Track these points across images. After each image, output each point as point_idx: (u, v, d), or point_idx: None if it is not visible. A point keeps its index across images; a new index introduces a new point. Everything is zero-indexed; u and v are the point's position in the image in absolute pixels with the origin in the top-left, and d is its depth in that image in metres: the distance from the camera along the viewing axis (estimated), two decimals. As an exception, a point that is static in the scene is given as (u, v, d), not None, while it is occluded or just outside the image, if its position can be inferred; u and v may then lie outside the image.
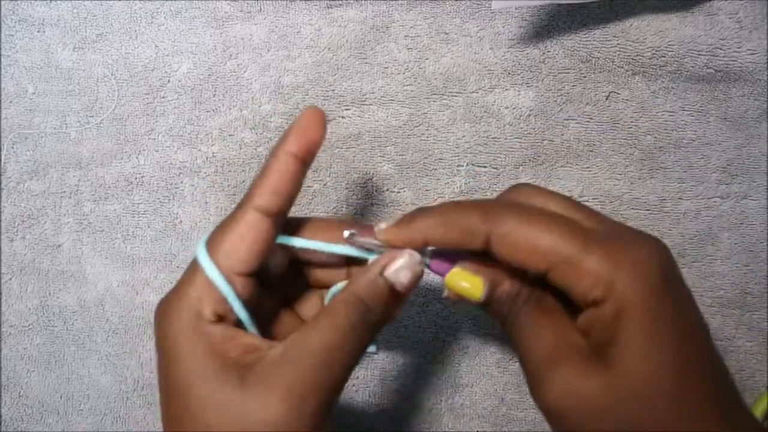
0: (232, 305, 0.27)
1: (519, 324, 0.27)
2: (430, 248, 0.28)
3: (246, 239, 0.27)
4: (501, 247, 0.25)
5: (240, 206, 0.28)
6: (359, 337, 0.26)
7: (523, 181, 0.39)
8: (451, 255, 0.28)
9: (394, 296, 0.27)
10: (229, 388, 0.25)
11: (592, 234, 0.25)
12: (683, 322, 0.25)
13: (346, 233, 0.28)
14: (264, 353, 0.26)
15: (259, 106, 0.40)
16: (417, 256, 0.27)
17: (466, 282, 0.27)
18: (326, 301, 0.31)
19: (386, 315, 0.27)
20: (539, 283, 0.27)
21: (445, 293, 0.28)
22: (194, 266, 0.27)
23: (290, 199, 0.28)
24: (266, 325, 0.30)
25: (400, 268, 0.27)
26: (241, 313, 0.27)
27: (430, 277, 0.39)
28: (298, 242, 0.29)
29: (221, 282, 0.26)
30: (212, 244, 0.27)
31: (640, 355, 0.23)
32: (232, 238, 0.27)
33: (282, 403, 0.25)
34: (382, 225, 0.27)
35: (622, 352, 0.24)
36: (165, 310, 0.27)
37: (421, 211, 0.27)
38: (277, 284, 0.30)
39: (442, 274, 0.28)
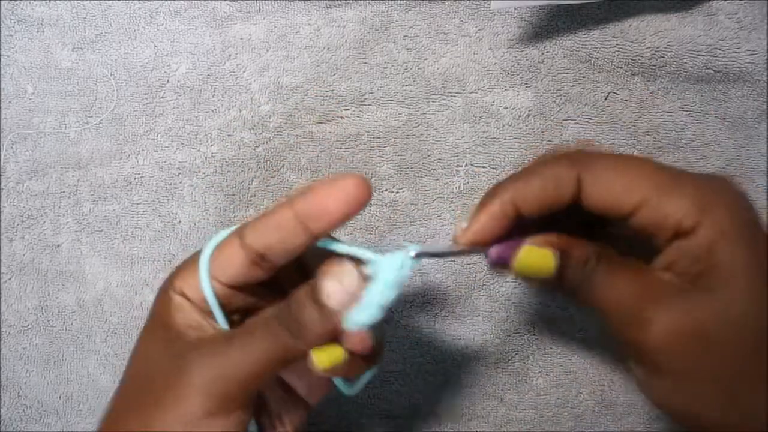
0: (210, 306, 0.27)
1: (596, 284, 0.25)
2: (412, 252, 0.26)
3: (234, 263, 0.26)
4: (594, 189, 0.25)
5: (239, 229, 0.27)
6: (286, 350, 0.25)
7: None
8: (505, 242, 0.26)
9: (325, 313, 0.25)
10: (160, 350, 0.26)
11: (679, 172, 0.25)
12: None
13: (412, 253, 0.25)
14: (202, 336, 0.26)
15: (258, 107, 0.40)
16: (350, 267, 0.25)
17: (537, 258, 0.26)
18: None
19: (318, 336, 0.25)
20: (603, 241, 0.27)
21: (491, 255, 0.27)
22: (195, 256, 0.28)
23: (285, 255, 0.26)
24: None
25: (329, 273, 0.25)
26: (216, 310, 0.27)
27: (430, 278, 0.39)
28: (340, 248, 0.26)
29: (207, 288, 0.27)
30: (219, 246, 0.27)
31: (746, 276, 0.24)
32: (227, 252, 0.27)
33: (196, 394, 0.25)
34: (463, 224, 0.26)
35: (726, 275, 0.24)
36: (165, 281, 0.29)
37: (498, 186, 0.26)
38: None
39: (506, 261, 0.26)
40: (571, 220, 0.27)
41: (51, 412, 0.40)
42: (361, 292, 0.24)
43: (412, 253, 0.25)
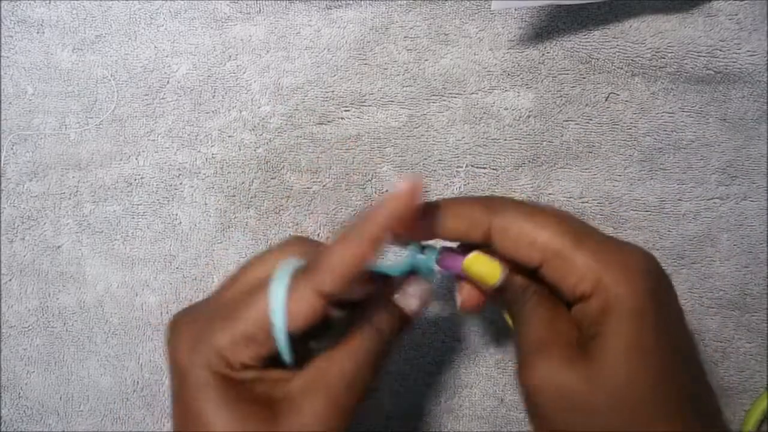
0: (279, 347, 0.26)
1: (523, 313, 0.28)
2: (439, 245, 0.29)
3: (309, 313, 0.25)
4: (500, 238, 0.27)
5: (307, 275, 0.26)
6: (375, 362, 0.28)
7: (522, 182, 0.39)
8: (456, 252, 0.29)
9: (405, 321, 0.29)
10: (261, 425, 0.26)
11: (585, 234, 0.26)
12: (666, 323, 0.25)
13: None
14: (289, 384, 0.27)
15: (259, 107, 0.40)
16: (424, 282, 0.29)
17: (486, 266, 0.28)
18: None
19: (398, 337, 0.29)
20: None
21: (458, 302, 0.30)
22: (249, 302, 0.26)
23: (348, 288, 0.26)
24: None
25: (410, 295, 0.29)
26: (285, 353, 0.26)
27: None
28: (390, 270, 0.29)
29: (281, 329, 0.25)
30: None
31: (621, 351, 0.24)
32: (298, 304, 0.25)
33: (314, 425, 0.26)
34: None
35: (604, 346, 0.24)
36: (186, 342, 0.27)
37: (427, 206, 0.28)
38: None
39: (452, 268, 0.29)
40: None
41: (51, 412, 0.40)
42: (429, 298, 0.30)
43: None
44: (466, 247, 0.29)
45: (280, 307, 0.25)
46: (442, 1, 0.39)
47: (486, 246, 0.28)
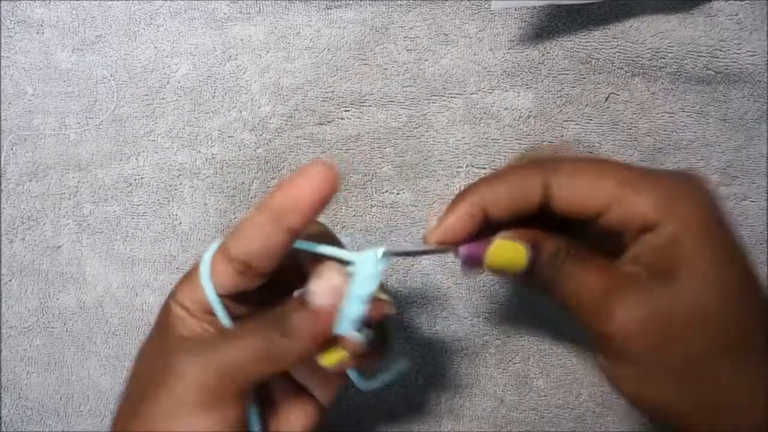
0: (215, 311, 0.27)
1: (565, 276, 0.26)
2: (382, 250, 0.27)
3: (223, 275, 0.27)
4: (561, 194, 0.26)
5: (224, 241, 0.27)
6: (268, 360, 0.26)
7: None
8: (475, 241, 0.27)
9: (311, 314, 0.26)
10: (157, 352, 0.27)
11: (641, 169, 0.26)
12: (735, 238, 0.26)
13: (380, 252, 0.26)
14: (197, 337, 0.27)
15: (259, 108, 0.40)
16: (337, 276, 0.26)
17: (509, 252, 0.27)
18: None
19: (308, 338, 0.26)
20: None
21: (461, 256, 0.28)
22: (195, 269, 0.28)
23: (269, 259, 0.26)
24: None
25: (313, 288, 0.26)
26: (221, 316, 0.27)
27: (430, 278, 0.39)
28: (321, 249, 0.27)
29: (207, 284, 0.27)
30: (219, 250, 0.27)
31: (709, 266, 0.24)
32: (215, 266, 0.27)
33: (188, 389, 0.25)
34: (432, 222, 0.27)
35: (691, 266, 0.24)
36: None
37: (467, 189, 0.27)
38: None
39: (477, 258, 0.27)
40: (540, 218, 0.28)
41: (52, 413, 0.40)
42: (344, 288, 0.25)
43: (380, 254, 0.26)
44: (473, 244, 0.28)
45: (205, 275, 0.27)
46: (442, 2, 0.39)
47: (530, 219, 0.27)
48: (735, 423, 0.24)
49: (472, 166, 0.39)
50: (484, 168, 0.39)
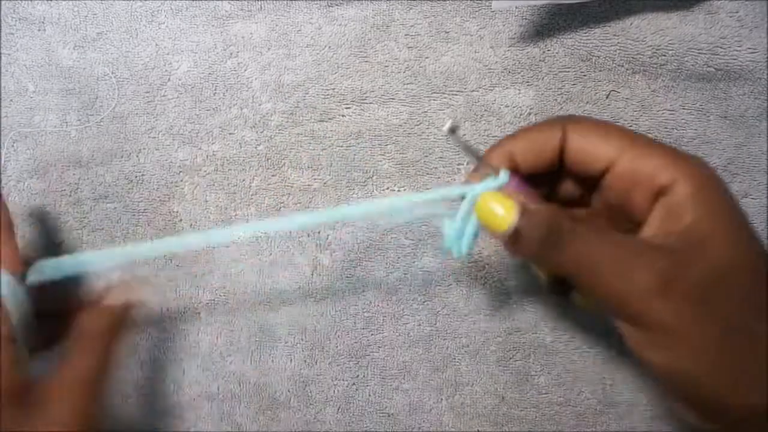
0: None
1: (579, 245, 0.25)
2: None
3: None
4: (575, 142, 0.27)
5: None
6: (103, 365, 0.30)
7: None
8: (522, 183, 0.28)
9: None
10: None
11: (651, 139, 0.27)
12: (740, 209, 0.26)
13: (447, 125, 0.26)
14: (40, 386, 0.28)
15: (260, 105, 0.40)
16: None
17: (498, 206, 0.26)
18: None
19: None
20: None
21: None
22: None
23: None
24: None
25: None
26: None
27: (430, 275, 0.39)
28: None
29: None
30: None
31: (730, 224, 0.25)
32: None
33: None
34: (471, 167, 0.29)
35: (712, 225, 0.24)
36: None
37: (503, 139, 0.29)
38: None
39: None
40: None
41: (51, 411, 0.40)
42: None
43: (448, 126, 0.26)
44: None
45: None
46: (442, 0, 0.39)
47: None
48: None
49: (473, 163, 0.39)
50: (485, 165, 0.39)
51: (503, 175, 0.27)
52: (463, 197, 0.28)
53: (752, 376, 0.24)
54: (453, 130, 0.26)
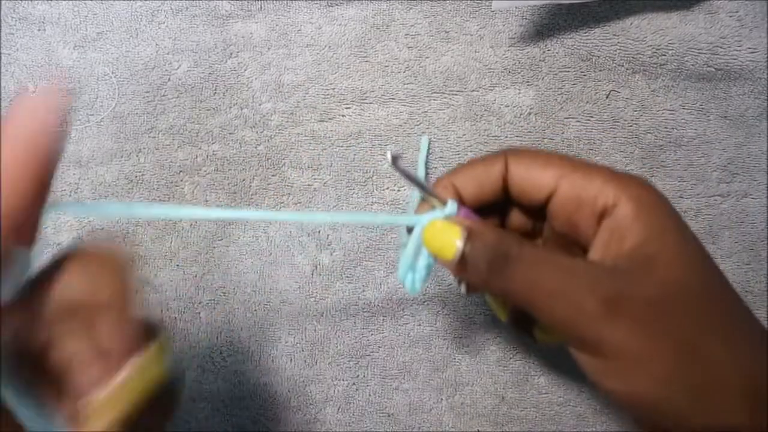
0: None
1: (523, 272, 0.24)
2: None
3: None
4: (517, 171, 0.28)
5: None
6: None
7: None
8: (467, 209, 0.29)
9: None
10: None
11: (591, 162, 0.27)
12: (688, 227, 0.26)
13: (389, 156, 0.25)
14: None
15: (260, 105, 0.40)
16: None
17: (443, 231, 0.26)
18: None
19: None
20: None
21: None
22: None
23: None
24: None
25: None
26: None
27: (431, 275, 0.39)
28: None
29: None
30: None
31: (677, 243, 0.24)
32: None
33: None
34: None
35: (660, 245, 0.24)
36: None
37: (444, 174, 0.29)
38: None
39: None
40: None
41: (51, 411, 0.40)
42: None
43: (390, 156, 0.25)
44: None
45: None
46: (442, 0, 0.39)
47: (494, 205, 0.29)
48: (730, 406, 0.22)
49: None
50: (485, 165, 0.39)
51: (451, 205, 0.27)
52: (410, 229, 0.29)
53: (713, 397, 0.23)
54: (395, 160, 0.25)
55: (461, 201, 0.29)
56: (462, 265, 0.25)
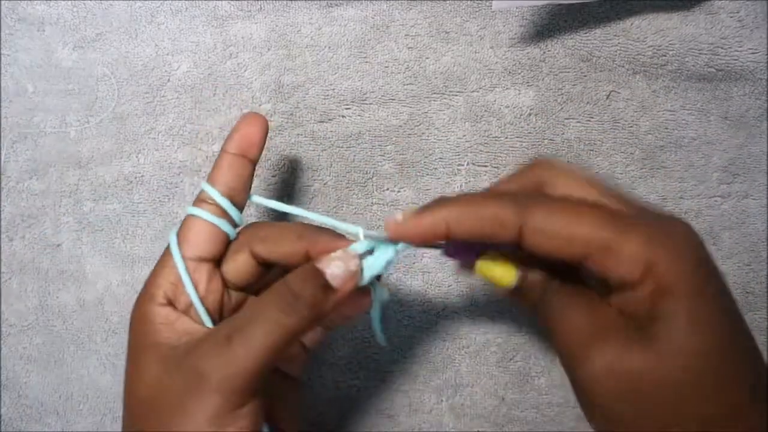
0: (186, 288, 0.29)
1: (552, 308, 0.26)
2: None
3: (203, 229, 0.30)
4: (535, 238, 0.25)
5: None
6: (288, 330, 0.26)
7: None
8: (467, 246, 0.28)
9: (329, 292, 0.27)
10: (158, 370, 0.27)
11: (625, 217, 0.25)
12: (722, 301, 0.25)
13: (361, 233, 0.28)
14: (198, 340, 0.27)
15: (260, 105, 0.39)
16: (352, 252, 0.27)
17: (499, 268, 0.27)
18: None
19: (320, 312, 0.27)
20: (566, 272, 0.27)
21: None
22: (164, 254, 0.30)
23: (240, 191, 0.31)
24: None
25: (333, 258, 0.27)
26: (193, 295, 0.29)
27: (429, 276, 0.39)
28: (273, 204, 0.30)
29: (179, 261, 0.29)
30: (180, 234, 0.30)
31: (686, 331, 0.23)
32: (194, 228, 0.30)
33: (215, 393, 0.26)
34: (398, 217, 0.26)
35: (668, 328, 0.23)
36: (137, 298, 0.30)
37: (443, 200, 0.26)
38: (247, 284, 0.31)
39: (461, 259, 0.28)
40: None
41: (51, 412, 0.40)
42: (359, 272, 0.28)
43: (362, 234, 0.28)
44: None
45: (178, 257, 0.30)
46: (442, 0, 0.39)
47: (508, 248, 0.26)
48: None
49: (473, 163, 0.39)
50: (485, 166, 0.39)
51: (360, 245, 0.28)
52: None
53: None
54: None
55: (446, 237, 0.26)
56: (516, 290, 0.27)
